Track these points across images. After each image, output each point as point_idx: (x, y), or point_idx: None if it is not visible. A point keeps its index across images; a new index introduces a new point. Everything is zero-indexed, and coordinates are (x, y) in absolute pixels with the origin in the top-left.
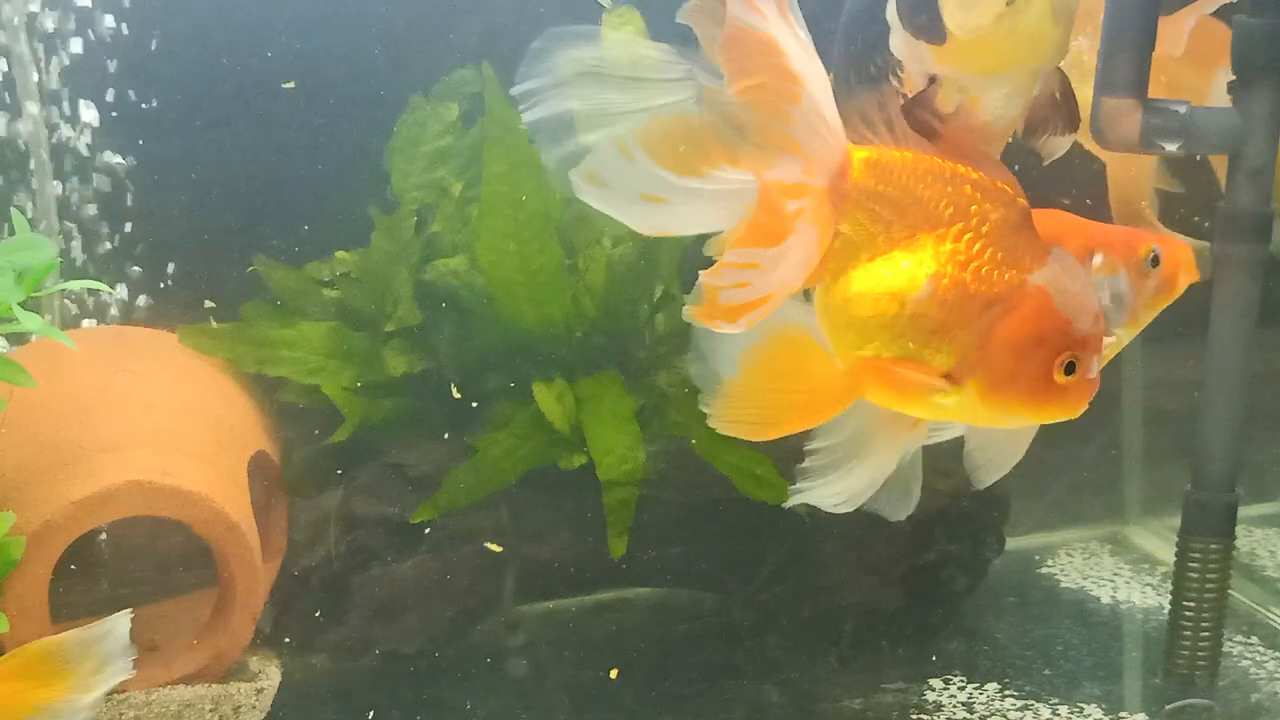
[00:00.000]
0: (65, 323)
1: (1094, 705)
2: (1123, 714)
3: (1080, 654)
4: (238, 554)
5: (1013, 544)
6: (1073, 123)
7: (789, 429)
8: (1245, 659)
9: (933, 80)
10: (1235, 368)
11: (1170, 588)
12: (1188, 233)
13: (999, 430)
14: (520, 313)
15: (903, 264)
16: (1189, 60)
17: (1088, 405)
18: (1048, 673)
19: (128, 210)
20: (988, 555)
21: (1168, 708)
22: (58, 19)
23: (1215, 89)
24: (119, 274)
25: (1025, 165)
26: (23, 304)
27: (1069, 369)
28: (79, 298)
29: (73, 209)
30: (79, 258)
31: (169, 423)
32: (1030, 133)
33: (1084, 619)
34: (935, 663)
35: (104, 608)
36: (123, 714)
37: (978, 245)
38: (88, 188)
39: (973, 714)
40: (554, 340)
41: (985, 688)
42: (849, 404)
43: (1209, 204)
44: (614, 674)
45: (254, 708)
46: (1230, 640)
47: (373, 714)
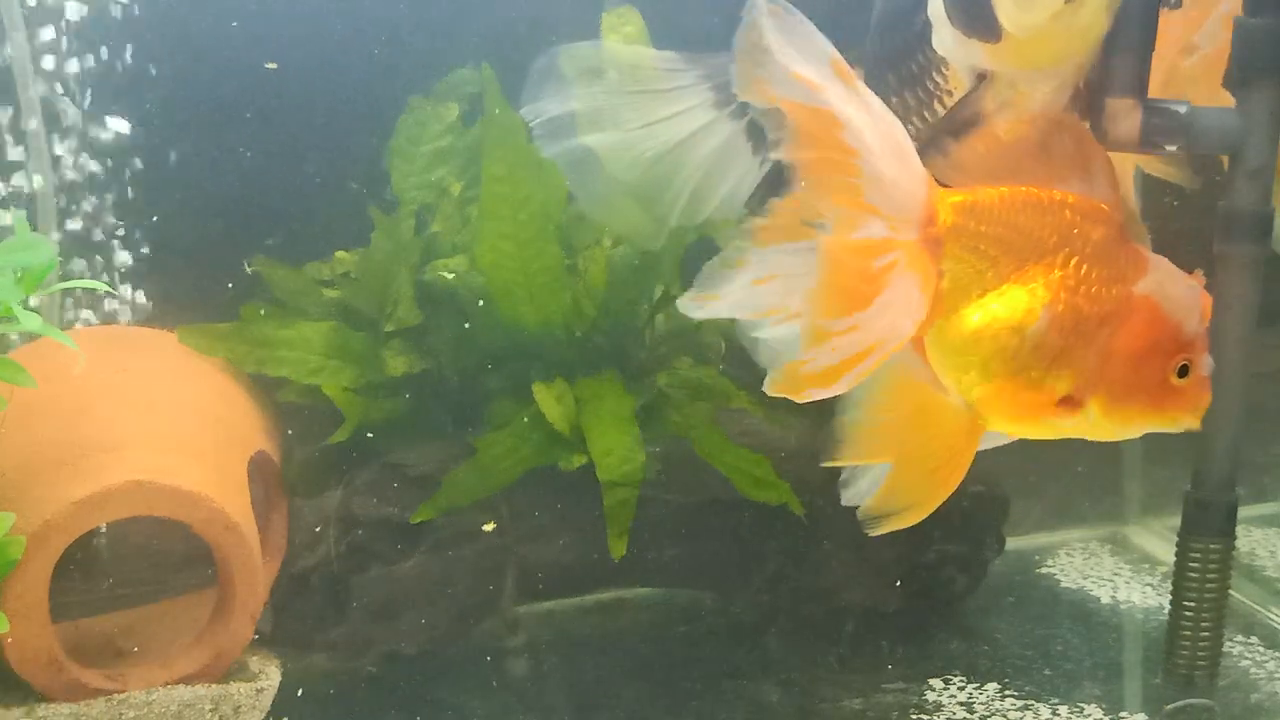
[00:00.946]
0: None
1: (1094, 705)
2: (1123, 714)
3: (1080, 654)
4: (238, 554)
5: (1013, 544)
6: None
7: (942, 495)
8: (1245, 659)
9: (982, 78)
10: (1235, 368)
11: (1170, 588)
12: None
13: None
14: (520, 313)
15: (1017, 297)
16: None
17: (1208, 407)
18: (1048, 673)
19: (127, 210)
20: (988, 555)
21: (1168, 708)
22: (58, 18)
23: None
24: (118, 274)
25: None
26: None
27: (1183, 372)
28: (77, 297)
29: (72, 209)
30: (78, 257)
31: (169, 423)
32: None
33: (1084, 619)
34: (935, 663)
35: (104, 608)
36: (123, 714)
37: (1085, 267)
38: (87, 187)
39: (973, 714)
40: (554, 340)
41: (985, 688)
42: (978, 441)
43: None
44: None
45: (254, 708)
46: (1230, 640)
47: (373, 714)
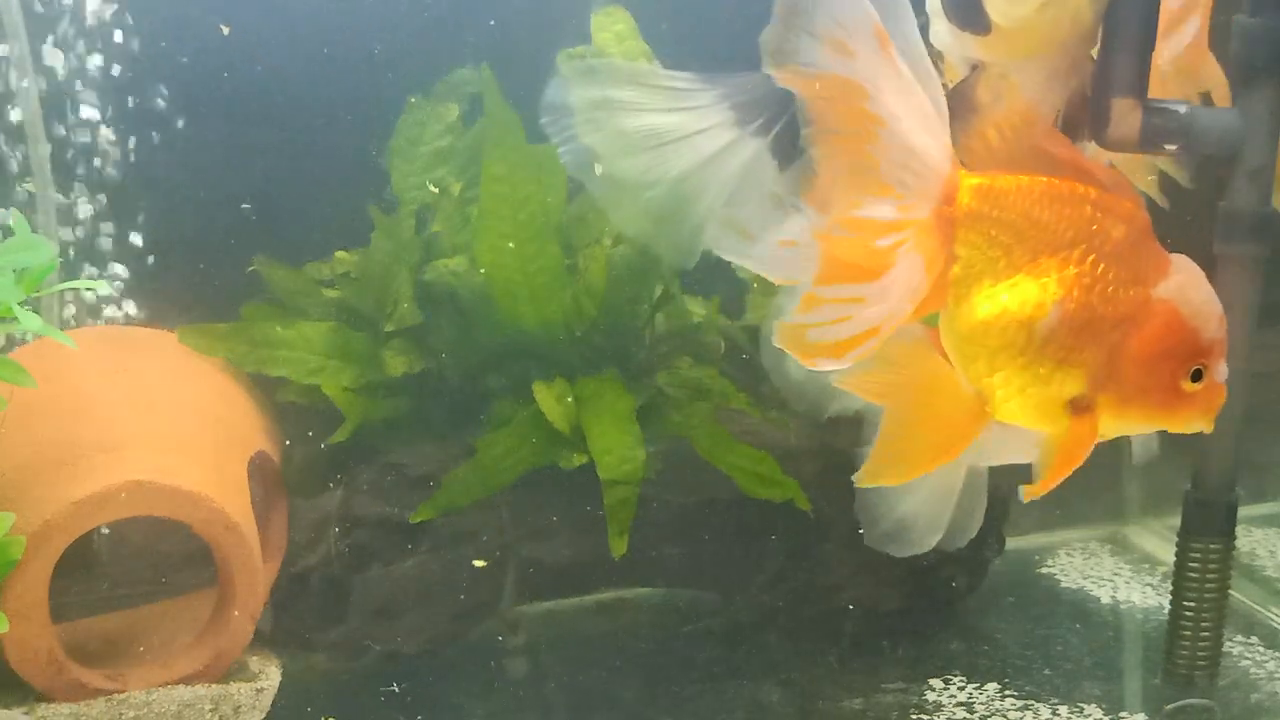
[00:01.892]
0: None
1: (1094, 705)
2: (1123, 714)
3: (1080, 654)
4: (238, 554)
5: (1013, 544)
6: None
7: (930, 465)
8: (1245, 659)
9: (975, 68)
10: (1235, 368)
11: (1170, 588)
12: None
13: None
14: (520, 313)
15: (1028, 290)
16: None
17: (1219, 411)
18: (1048, 673)
19: (127, 210)
20: (988, 555)
21: (1168, 708)
22: (58, 17)
23: None
24: (118, 274)
25: None
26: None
27: (1196, 376)
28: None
29: (71, 208)
30: (76, 257)
31: (169, 423)
32: (1068, 132)
33: (1084, 619)
34: (935, 663)
35: (104, 608)
36: (123, 714)
37: (1101, 266)
38: (86, 187)
39: (973, 714)
40: (554, 340)
41: (985, 688)
42: (982, 428)
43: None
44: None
45: (254, 708)
46: (1230, 640)
47: (373, 714)
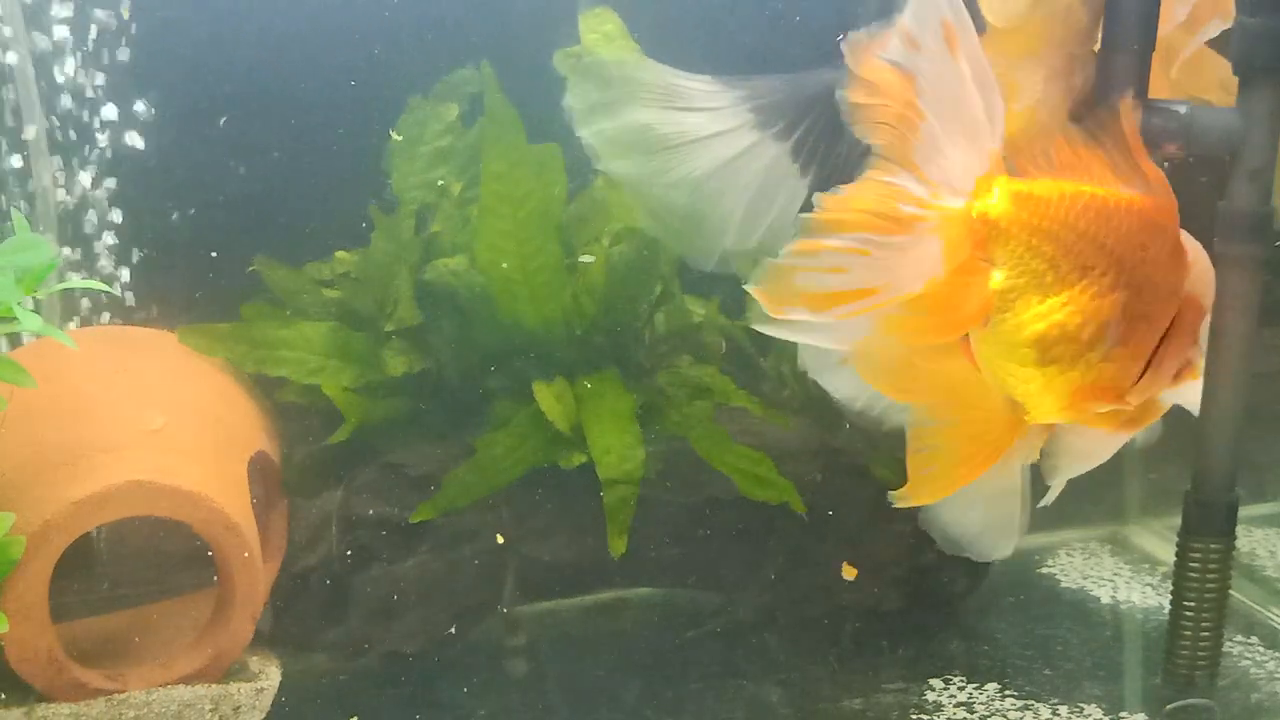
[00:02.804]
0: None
1: (1094, 705)
2: (1123, 714)
3: (1080, 654)
4: (238, 554)
5: None
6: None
7: (968, 477)
8: (1245, 659)
9: None
10: (1235, 368)
11: (1170, 588)
12: None
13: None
14: (520, 312)
15: (1083, 309)
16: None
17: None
18: (1048, 673)
19: (126, 210)
20: None
21: (1168, 708)
22: (59, 17)
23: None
24: (118, 274)
25: None
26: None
27: None
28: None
29: (71, 208)
30: (76, 257)
31: (169, 423)
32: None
33: (1084, 619)
34: (935, 663)
35: (104, 608)
36: (123, 714)
37: (1149, 277)
38: (86, 187)
39: (973, 714)
40: (554, 339)
41: (985, 688)
42: (1019, 436)
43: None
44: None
45: (254, 708)
46: (1230, 640)
47: (373, 714)
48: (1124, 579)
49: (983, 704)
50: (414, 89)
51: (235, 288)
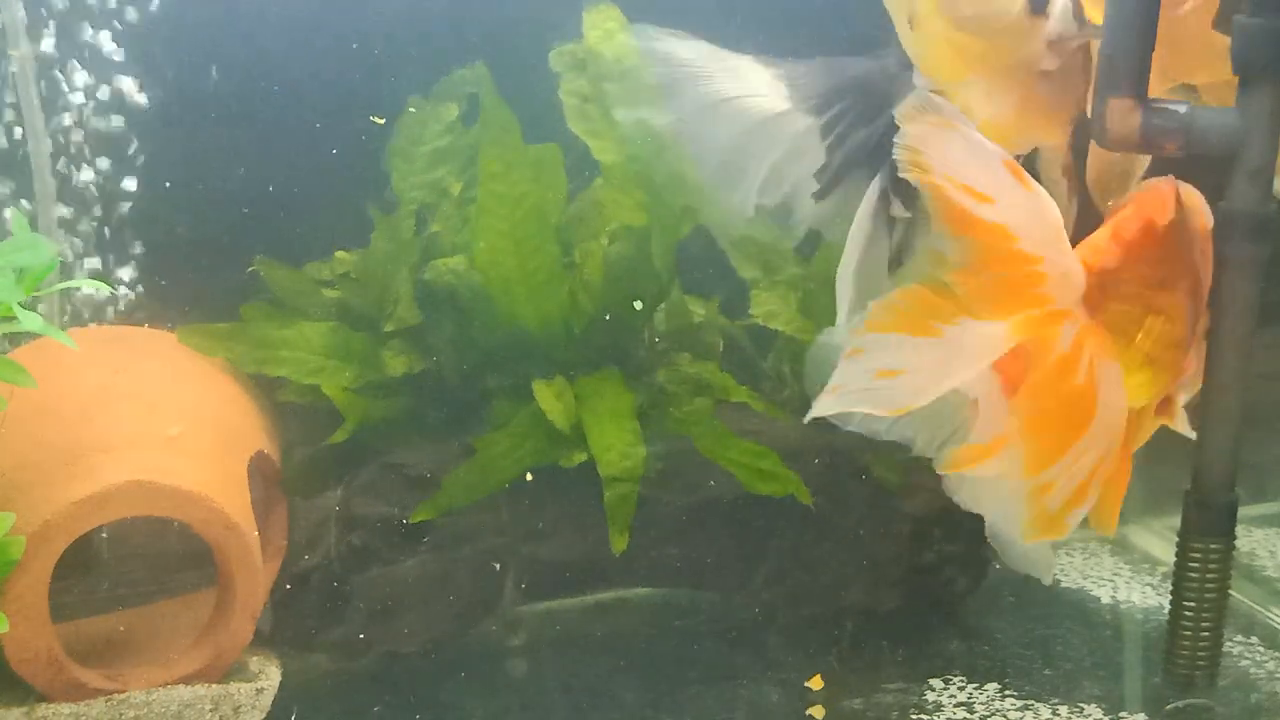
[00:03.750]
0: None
1: (1094, 705)
2: (1123, 714)
3: (1080, 654)
4: (238, 554)
5: None
6: None
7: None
8: (1245, 659)
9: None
10: (1235, 368)
11: (1170, 588)
12: None
13: None
14: (519, 311)
15: (1178, 317)
16: None
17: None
18: (1048, 673)
19: (127, 210)
20: (988, 555)
21: (1168, 708)
22: (59, 18)
23: None
24: (118, 274)
25: None
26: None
27: None
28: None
29: (71, 208)
30: (77, 257)
31: (169, 423)
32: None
33: (1084, 619)
34: (935, 663)
35: (104, 608)
36: (123, 714)
37: (1201, 275)
38: (86, 187)
39: (973, 714)
40: (553, 338)
41: (985, 688)
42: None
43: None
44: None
45: (254, 708)
46: (1230, 640)
47: (373, 714)
48: (1124, 579)
49: (983, 704)
50: (414, 89)
51: (235, 288)
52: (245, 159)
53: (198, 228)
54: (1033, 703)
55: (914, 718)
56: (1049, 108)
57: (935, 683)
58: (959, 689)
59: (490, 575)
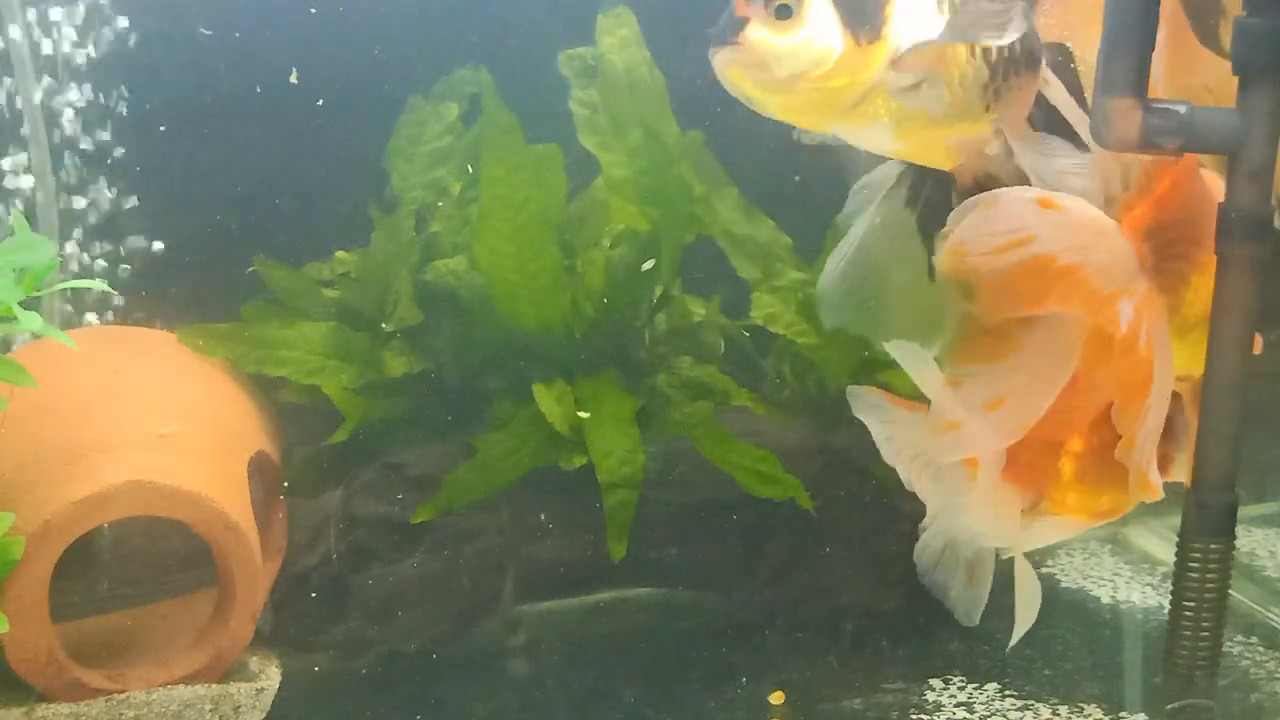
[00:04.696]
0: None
1: (1094, 705)
2: (1123, 714)
3: (1080, 654)
4: (238, 554)
5: None
6: None
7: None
8: (1245, 659)
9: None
10: (1235, 368)
11: (1170, 588)
12: None
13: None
14: (520, 314)
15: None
16: None
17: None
18: (1048, 673)
19: (127, 210)
20: None
21: (1168, 708)
22: (60, 18)
23: None
24: (118, 274)
25: None
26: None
27: None
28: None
29: (72, 209)
30: (77, 257)
31: (169, 423)
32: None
33: (1084, 619)
34: (935, 663)
35: (104, 608)
36: (123, 714)
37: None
38: (87, 188)
39: (973, 714)
40: (553, 341)
41: (985, 688)
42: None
43: None
44: None
45: (254, 708)
46: (1230, 640)
47: (373, 714)
48: (1124, 579)
49: (983, 704)
50: (414, 89)
51: (236, 287)
52: (245, 159)
53: (198, 228)
54: (1033, 703)
55: (914, 718)
56: (943, 121)
57: (935, 683)
58: (959, 689)
59: (490, 575)
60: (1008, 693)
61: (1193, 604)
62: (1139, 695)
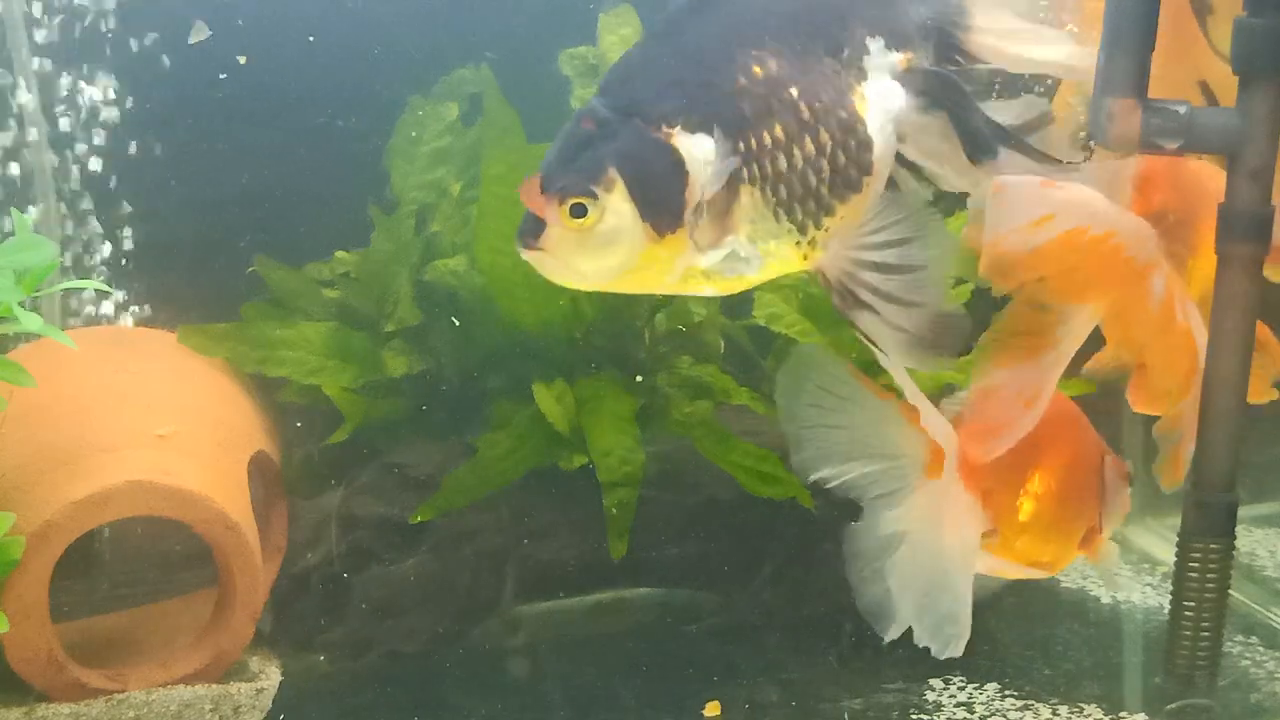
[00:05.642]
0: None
1: (1094, 705)
2: (1123, 714)
3: (1080, 654)
4: (238, 554)
5: None
6: None
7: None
8: (1245, 659)
9: None
10: (1235, 368)
11: (1170, 588)
12: None
13: None
14: (519, 313)
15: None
16: None
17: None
18: (1048, 673)
19: (128, 211)
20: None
21: (1168, 708)
22: (59, 19)
23: None
24: (118, 274)
25: None
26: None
27: None
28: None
29: (72, 210)
30: (77, 258)
31: (169, 423)
32: None
33: (1084, 619)
34: (935, 663)
35: (104, 608)
36: (123, 714)
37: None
38: (88, 189)
39: (973, 714)
40: (553, 341)
41: (985, 688)
42: None
43: None
44: None
45: (254, 708)
46: (1230, 640)
47: (373, 714)
48: (1124, 579)
49: (983, 704)
50: (414, 89)
51: (236, 288)
52: (245, 159)
53: (198, 228)
54: (1033, 703)
55: (914, 718)
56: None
57: (935, 683)
58: (959, 689)
59: (490, 575)
60: (1008, 693)
61: (1193, 604)
62: (1139, 695)
